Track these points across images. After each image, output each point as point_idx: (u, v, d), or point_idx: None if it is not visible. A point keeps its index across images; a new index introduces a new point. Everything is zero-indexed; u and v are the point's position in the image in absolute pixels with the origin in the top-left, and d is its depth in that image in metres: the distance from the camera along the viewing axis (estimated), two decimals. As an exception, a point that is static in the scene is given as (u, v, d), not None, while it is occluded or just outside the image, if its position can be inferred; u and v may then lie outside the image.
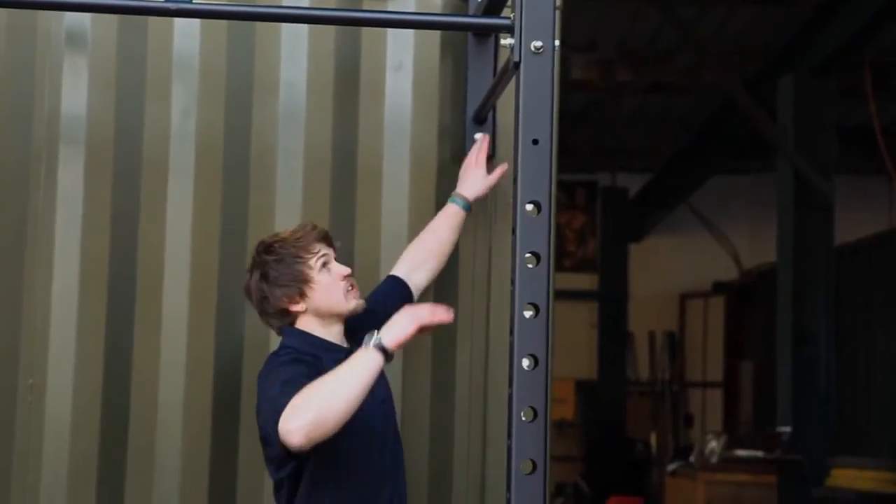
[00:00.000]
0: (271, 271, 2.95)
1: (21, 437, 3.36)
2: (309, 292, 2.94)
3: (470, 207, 3.32)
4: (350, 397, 2.65)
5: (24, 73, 3.45)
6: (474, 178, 3.33)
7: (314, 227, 3.01)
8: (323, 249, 2.97)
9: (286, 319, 2.99)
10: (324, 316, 2.97)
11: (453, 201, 3.32)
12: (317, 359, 2.88)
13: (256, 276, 2.97)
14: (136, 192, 3.43)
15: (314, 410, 2.63)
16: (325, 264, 2.95)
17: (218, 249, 3.42)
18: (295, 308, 2.96)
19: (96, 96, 3.44)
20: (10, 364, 3.38)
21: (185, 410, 3.37)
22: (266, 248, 2.99)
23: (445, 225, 3.30)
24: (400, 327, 2.71)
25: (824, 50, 8.12)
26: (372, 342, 2.70)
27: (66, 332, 3.38)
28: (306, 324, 2.98)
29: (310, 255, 2.94)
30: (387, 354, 2.70)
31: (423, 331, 2.74)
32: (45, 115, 3.43)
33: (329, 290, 2.95)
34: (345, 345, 2.97)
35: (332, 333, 2.98)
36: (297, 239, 2.97)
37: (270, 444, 2.81)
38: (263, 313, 3.02)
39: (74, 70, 3.44)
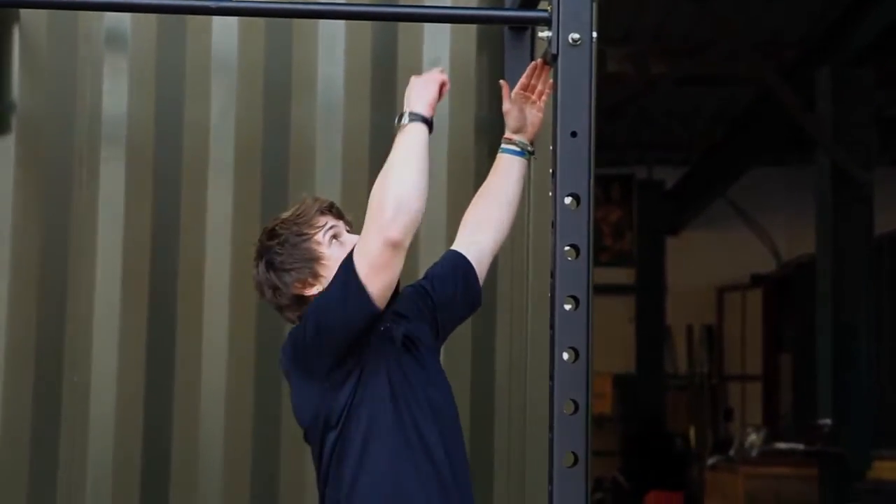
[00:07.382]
0: (276, 256, 2.58)
1: (66, 432, 3.40)
2: (321, 271, 2.56)
3: (532, 151, 2.88)
4: (416, 173, 2.43)
5: (66, 74, 3.49)
6: (532, 114, 2.86)
7: (315, 200, 2.65)
8: (330, 222, 2.61)
9: (305, 309, 2.57)
10: None
11: (510, 151, 2.87)
12: None
13: (262, 266, 2.60)
14: (177, 190, 3.47)
15: (391, 201, 2.39)
16: (334, 237, 2.60)
17: (258, 246, 3.44)
18: (310, 292, 2.57)
19: (136, 96, 3.48)
20: (55, 361, 3.42)
21: (228, 405, 3.40)
22: (267, 233, 2.63)
23: (504, 174, 2.87)
24: (423, 93, 2.51)
25: (862, 39, 8.06)
26: (406, 118, 2.48)
27: (110, 329, 3.42)
28: None
29: (315, 230, 2.59)
30: (427, 122, 2.49)
31: (443, 88, 2.55)
32: (86, 116, 3.47)
33: None
34: None
35: None
36: (299, 216, 2.61)
37: (321, 344, 2.46)
38: (279, 308, 2.63)
39: (115, 70, 3.48)
